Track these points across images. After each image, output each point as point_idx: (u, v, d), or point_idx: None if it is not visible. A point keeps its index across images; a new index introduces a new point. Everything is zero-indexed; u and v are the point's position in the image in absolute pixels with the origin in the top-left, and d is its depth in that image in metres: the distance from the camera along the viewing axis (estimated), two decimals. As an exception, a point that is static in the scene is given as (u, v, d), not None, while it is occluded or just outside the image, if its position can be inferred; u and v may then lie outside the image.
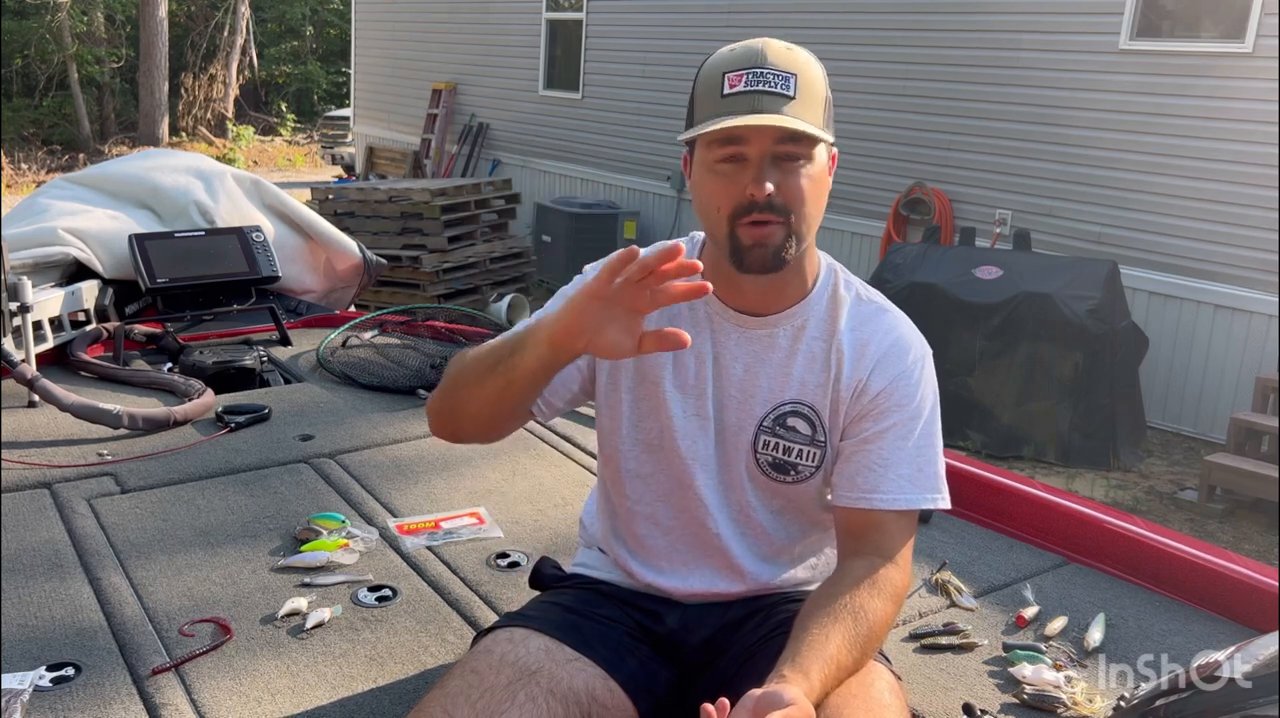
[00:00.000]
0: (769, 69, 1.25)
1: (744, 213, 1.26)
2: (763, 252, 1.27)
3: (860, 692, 1.23)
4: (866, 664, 1.26)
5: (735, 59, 1.27)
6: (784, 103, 1.24)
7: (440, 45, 12.07)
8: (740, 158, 1.26)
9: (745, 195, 1.25)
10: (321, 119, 20.06)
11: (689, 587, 1.45)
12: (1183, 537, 2.05)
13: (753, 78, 1.25)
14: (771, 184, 1.24)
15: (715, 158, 1.27)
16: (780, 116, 1.23)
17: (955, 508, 2.27)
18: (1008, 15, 6.60)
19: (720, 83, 1.26)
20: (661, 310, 1.37)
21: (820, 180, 1.30)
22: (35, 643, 1.60)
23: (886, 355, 1.37)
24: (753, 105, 1.23)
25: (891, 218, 7.16)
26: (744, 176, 1.25)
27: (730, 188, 1.26)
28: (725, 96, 1.25)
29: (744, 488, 1.41)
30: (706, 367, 1.39)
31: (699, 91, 1.30)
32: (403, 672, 1.60)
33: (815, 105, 1.27)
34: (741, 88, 1.25)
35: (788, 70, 1.26)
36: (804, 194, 1.27)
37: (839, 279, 1.42)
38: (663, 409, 1.40)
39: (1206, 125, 5.74)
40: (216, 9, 20.82)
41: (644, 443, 1.43)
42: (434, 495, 2.26)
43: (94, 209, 3.42)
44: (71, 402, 2.48)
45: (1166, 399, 6.01)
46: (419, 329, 3.41)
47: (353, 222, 7.64)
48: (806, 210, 1.28)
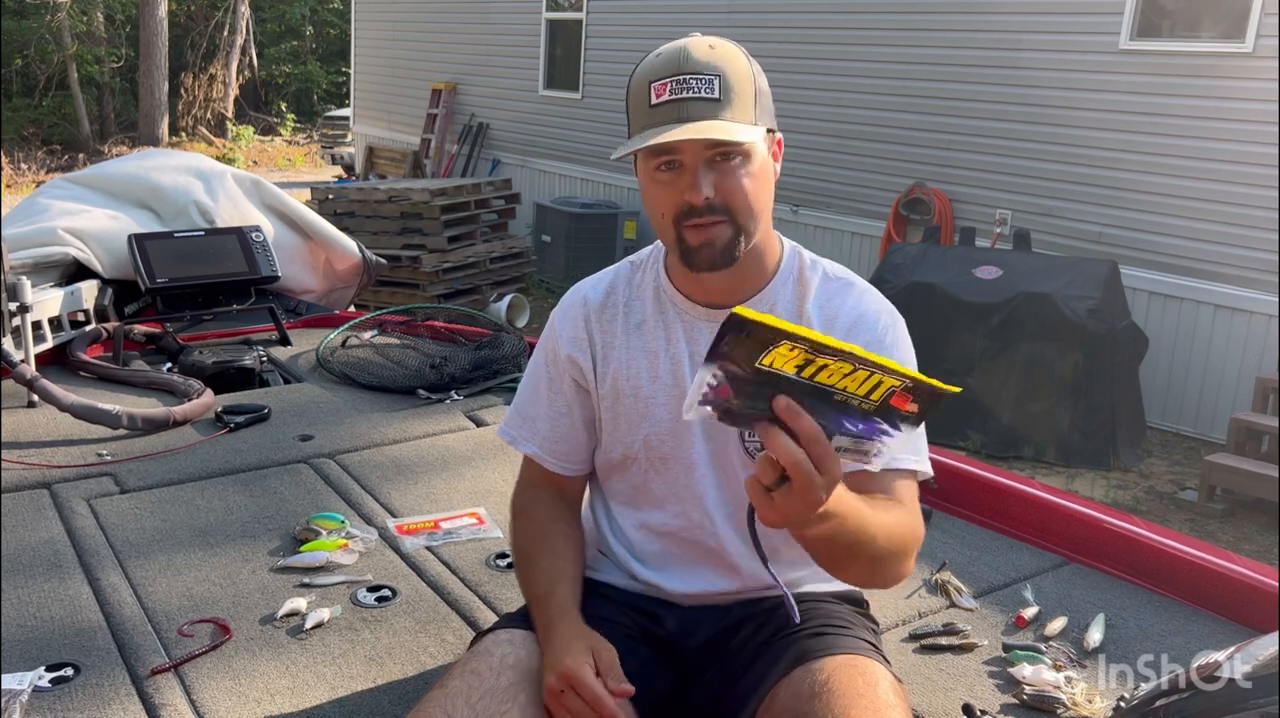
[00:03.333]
0: (691, 74, 1.26)
1: (686, 216, 1.28)
2: (710, 251, 1.30)
3: (866, 691, 1.23)
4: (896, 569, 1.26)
5: (660, 66, 1.28)
6: (710, 106, 1.25)
7: (440, 45, 12.06)
8: (677, 164, 1.28)
9: (684, 201, 1.28)
10: (321, 119, 20.06)
11: (687, 587, 1.45)
12: (1183, 537, 2.05)
13: (676, 85, 1.26)
14: (708, 187, 1.26)
15: (653, 167, 1.29)
16: (707, 123, 1.24)
17: (955, 508, 2.28)
18: (1008, 15, 6.60)
19: (647, 93, 1.28)
20: (628, 316, 1.44)
21: (761, 174, 1.31)
22: (34, 643, 1.60)
23: (855, 326, 1.37)
24: (680, 114, 1.25)
25: (891, 218, 7.16)
26: (682, 182, 1.28)
27: (671, 194, 1.29)
28: (653, 107, 1.27)
29: (738, 480, 1.41)
30: (682, 366, 1.40)
31: (631, 102, 1.32)
32: (402, 672, 1.60)
33: (744, 101, 1.28)
34: (667, 97, 1.26)
35: (711, 71, 1.26)
36: (744, 191, 1.28)
37: (803, 261, 1.43)
38: (647, 417, 1.42)
39: (1206, 125, 5.73)
40: (216, 9, 20.82)
41: (633, 453, 1.44)
42: (434, 496, 2.26)
43: (93, 209, 3.42)
44: (71, 402, 2.48)
45: (1166, 399, 6.01)
46: (419, 329, 3.41)
47: (352, 222, 7.64)
48: (749, 205, 1.29)
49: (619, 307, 1.46)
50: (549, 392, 1.49)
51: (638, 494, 1.47)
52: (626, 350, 1.44)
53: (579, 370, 1.46)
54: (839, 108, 7.50)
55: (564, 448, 1.49)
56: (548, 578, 1.39)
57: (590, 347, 1.46)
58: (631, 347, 1.43)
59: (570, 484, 1.53)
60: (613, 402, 1.45)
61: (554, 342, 1.49)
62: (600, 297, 1.48)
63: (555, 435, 1.49)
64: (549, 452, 1.49)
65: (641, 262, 1.49)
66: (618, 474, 1.48)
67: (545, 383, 1.50)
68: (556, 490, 1.52)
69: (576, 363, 1.46)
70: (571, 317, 1.48)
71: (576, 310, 1.48)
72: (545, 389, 1.49)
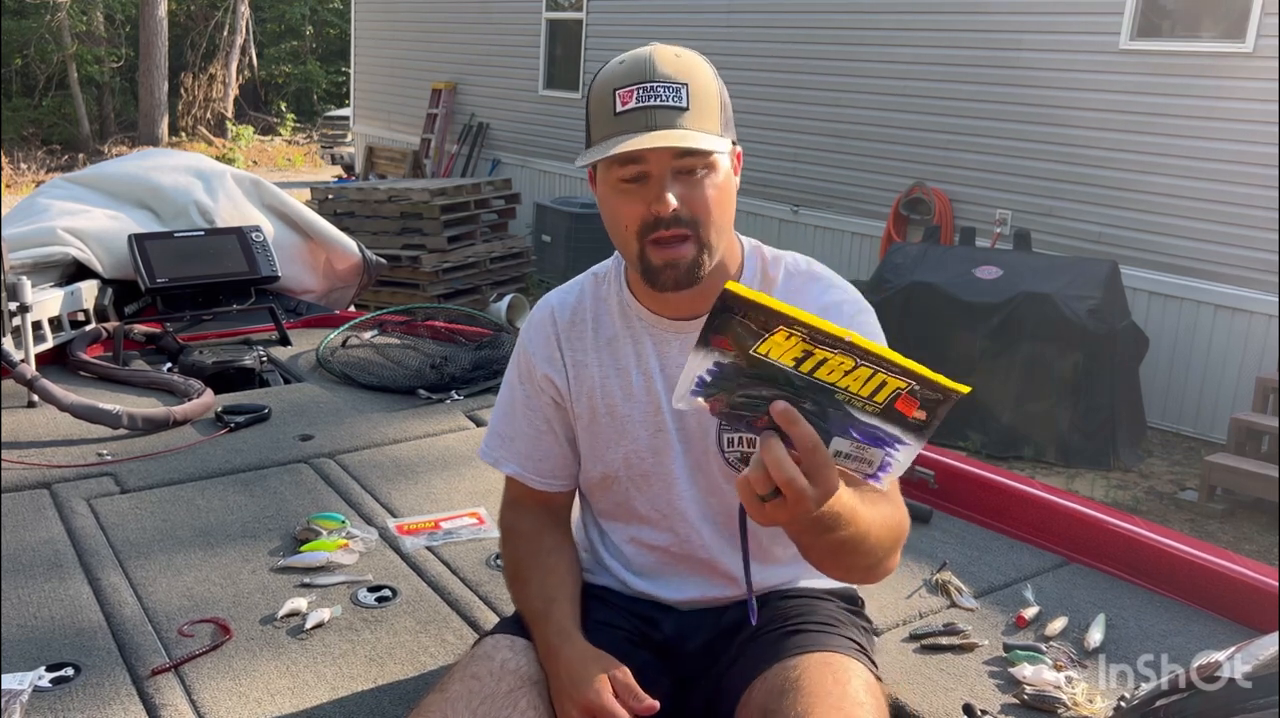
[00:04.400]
0: (659, 82, 1.24)
1: (651, 229, 1.25)
2: (675, 271, 1.27)
3: (835, 689, 1.22)
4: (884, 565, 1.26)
5: (624, 74, 1.26)
6: (678, 115, 1.23)
7: (440, 45, 12.06)
8: (642, 176, 1.25)
9: (650, 212, 1.25)
10: (321, 119, 20.06)
11: (683, 596, 1.45)
12: (1183, 537, 2.05)
13: (644, 93, 1.23)
14: (675, 198, 1.24)
15: (617, 177, 1.26)
16: (676, 132, 1.22)
17: (955, 508, 2.28)
18: (1008, 15, 6.60)
19: (612, 101, 1.25)
20: (598, 332, 1.41)
21: (725, 187, 1.29)
22: (35, 643, 1.60)
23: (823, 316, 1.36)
24: (647, 121, 1.22)
25: (891, 218, 7.16)
26: (648, 194, 1.25)
27: (635, 206, 1.26)
28: (619, 114, 1.24)
29: (722, 491, 1.40)
30: (655, 382, 1.39)
31: (592, 110, 1.28)
32: (402, 672, 1.59)
33: (710, 112, 1.26)
34: (634, 104, 1.23)
35: (678, 80, 1.24)
36: (709, 203, 1.26)
37: (764, 260, 1.41)
38: (625, 435, 1.40)
39: (1207, 125, 5.73)
40: (216, 9, 20.82)
41: (613, 471, 1.43)
42: (434, 496, 2.26)
43: (93, 209, 3.42)
44: (71, 402, 2.48)
45: (1166, 399, 6.01)
46: (419, 329, 3.41)
47: (352, 222, 7.64)
48: (714, 218, 1.27)
49: (587, 322, 1.43)
50: (526, 409, 1.46)
51: (623, 511, 1.46)
52: (599, 368, 1.41)
53: (555, 389, 1.44)
54: (839, 108, 7.50)
55: (547, 465, 1.47)
56: (543, 597, 1.38)
57: (563, 365, 1.43)
58: (604, 364, 1.41)
59: (556, 498, 1.50)
60: (589, 421, 1.43)
61: (527, 360, 1.46)
62: (568, 313, 1.45)
63: (537, 454, 1.46)
64: (533, 470, 1.47)
65: (605, 273, 1.46)
66: (600, 493, 1.47)
67: (521, 401, 1.47)
68: (543, 506, 1.50)
69: (552, 382, 1.44)
70: (543, 335, 1.45)
71: (547, 328, 1.45)
72: (522, 407, 1.47)
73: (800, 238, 7.79)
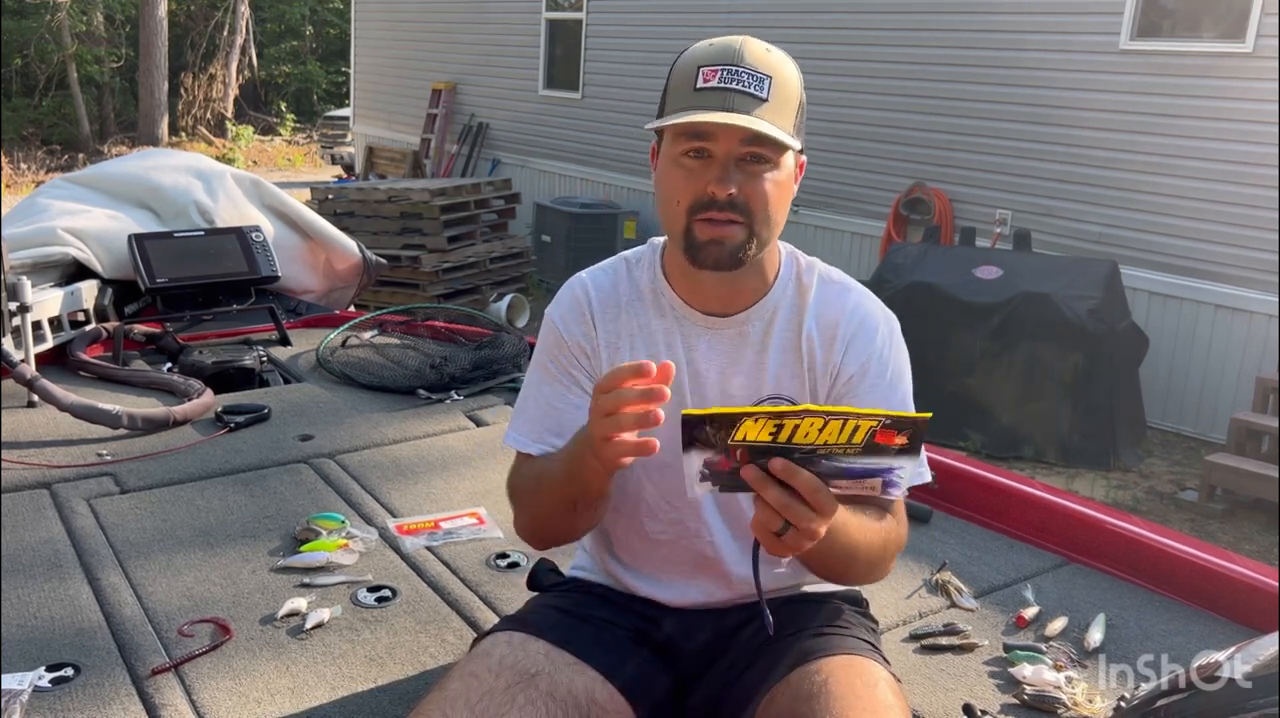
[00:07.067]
0: (745, 68, 1.24)
1: (702, 208, 1.25)
2: (718, 249, 1.27)
3: (865, 693, 1.22)
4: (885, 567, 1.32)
5: (712, 54, 1.26)
6: (756, 104, 1.23)
7: (440, 45, 12.06)
8: (706, 154, 1.25)
9: (706, 192, 1.25)
10: (321, 119, 20.05)
11: (684, 597, 1.45)
12: (1183, 537, 2.05)
13: (727, 75, 1.24)
14: (734, 185, 1.24)
15: (681, 150, 1.26)
16: (750, 118, 1.22)
17: (955, 508, 2.28)
18: (1008, 15, 6.60)
19: (694, 75, 1.25)
20: (630, 316, 1.40)
21: (784, 186, 1.29)
22: (34, 643, 1.60)
23: (856, 336, 1.38)
24: (724, 103, 1.22)
25: (892, 218, 7.16)
26: (708, 173, 1.25)
27: (692, 182, 1.26)
28: (698, 90, 1.24)
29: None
30: (682, 374, 1.37)
31: (673, 82, 1.29)
32: (402, 672, 1.60)
33: (787, 110, 1.26)
34: (715, 83, 1.24)
35: (763, 71, 1.25)
36: (767, 198, 1.26)
37: (800, 267, 1.41)
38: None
39: (1207, 125, 5.73)
40: (216, 9, 20.82)
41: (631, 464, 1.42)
42: (434, 496, 2.26)
43: (93, 209, 3.41)
44: (71, 402, 2.48)
45: (1166, 399, 6.01)
46: (419, 329, 3.41)
47: (352, 222, 7.64)
48: (769, 214, 1.27)
49: (620, 306, 1.42)
50: (551, 384, 1.42)
51: (630, 500, 1.44)
52: (630, 351, 1.40)
53: (587, 359, 1.41)
54: (839, 108, 7.50)
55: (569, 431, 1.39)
56: (549, 459, 1.35)
57: (597, 340, 1.41)
58: (635, 347, 1.40)
59: None
60: None
61: (556, 335, 1.42)
62: (601, 294, 1.43)
63: (556, 427, 1.40)
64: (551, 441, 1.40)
65: (638, 258, 1.45)
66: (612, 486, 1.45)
67: (547, 379, 1.42)
68: None
69: (585, 352, 1.41)
70: (577, 311, 1.42)
71: (582, 305, 1.42)
72: (547, 385, 1.42)
73: (800, 238, 7.78)
